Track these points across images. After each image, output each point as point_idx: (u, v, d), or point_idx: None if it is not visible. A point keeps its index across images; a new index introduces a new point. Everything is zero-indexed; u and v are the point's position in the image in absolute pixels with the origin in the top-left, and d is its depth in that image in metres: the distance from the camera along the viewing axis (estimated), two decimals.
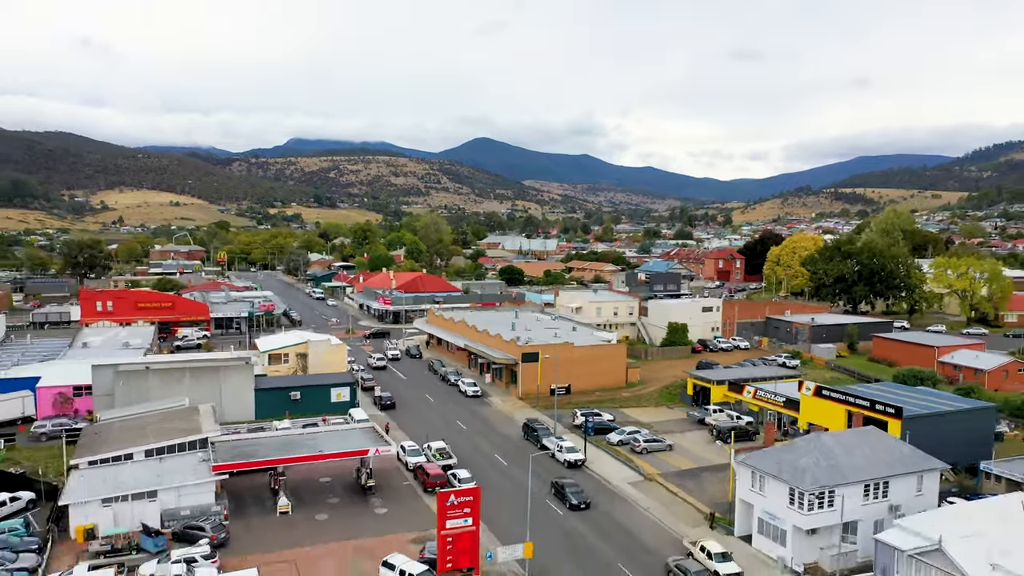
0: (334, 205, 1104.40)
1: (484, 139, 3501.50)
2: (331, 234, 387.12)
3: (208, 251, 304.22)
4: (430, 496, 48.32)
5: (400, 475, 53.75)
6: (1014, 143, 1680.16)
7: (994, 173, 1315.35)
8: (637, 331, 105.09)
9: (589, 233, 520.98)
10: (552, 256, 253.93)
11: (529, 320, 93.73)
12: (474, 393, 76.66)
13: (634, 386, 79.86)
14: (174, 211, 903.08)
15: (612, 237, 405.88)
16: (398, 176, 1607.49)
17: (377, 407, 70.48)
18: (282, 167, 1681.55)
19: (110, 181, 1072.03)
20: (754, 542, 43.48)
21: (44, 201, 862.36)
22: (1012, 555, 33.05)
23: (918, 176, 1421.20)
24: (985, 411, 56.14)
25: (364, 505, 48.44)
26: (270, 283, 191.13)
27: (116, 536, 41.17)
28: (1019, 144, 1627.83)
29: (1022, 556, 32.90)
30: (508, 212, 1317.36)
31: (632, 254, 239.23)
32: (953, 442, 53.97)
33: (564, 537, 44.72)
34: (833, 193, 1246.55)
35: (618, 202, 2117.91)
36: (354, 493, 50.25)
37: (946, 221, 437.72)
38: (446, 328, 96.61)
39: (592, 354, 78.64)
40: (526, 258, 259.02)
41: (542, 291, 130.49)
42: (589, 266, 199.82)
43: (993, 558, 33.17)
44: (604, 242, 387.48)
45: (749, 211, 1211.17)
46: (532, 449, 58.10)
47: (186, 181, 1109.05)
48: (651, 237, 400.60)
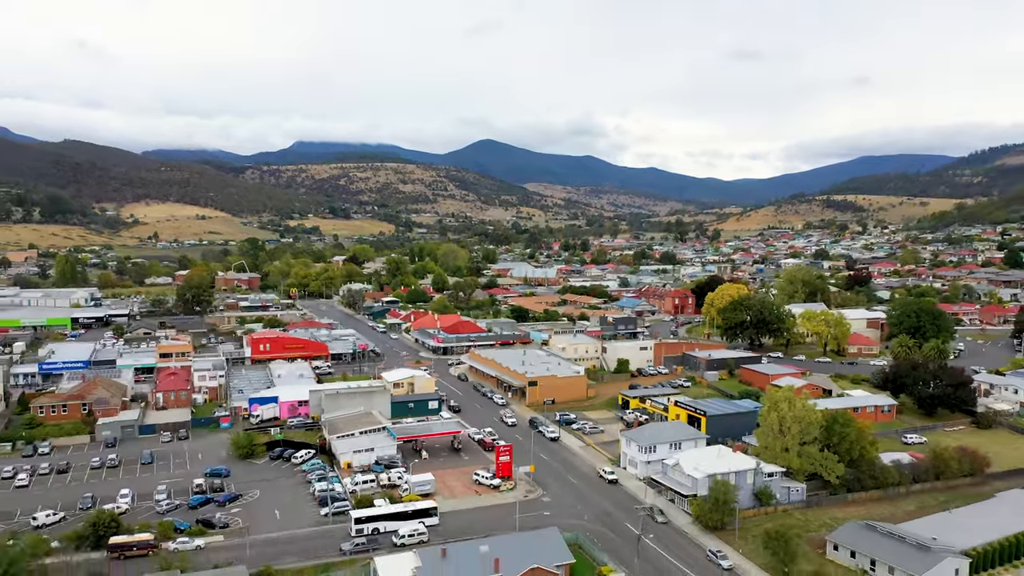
0: (348, 216, 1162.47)
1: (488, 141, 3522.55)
2: (360, 257, 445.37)
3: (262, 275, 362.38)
4: (488, 453, 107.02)
5: (471, 443, 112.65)
6: (1009, 147, 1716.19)
7: (984, 179, 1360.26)
8: (601, 362, 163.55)
9: (587, 251, 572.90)
10: (551, 287, 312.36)
11: (532, 356, 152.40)
12: (501, 403, 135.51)
13: (591, 399, 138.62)
14: (201, 224, 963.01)
15: (605, 259, 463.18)
16: (406, 183, 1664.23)
17: (451, 411, 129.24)
18: (293, 174, 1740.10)
19: (136, 194, 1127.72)
20: (628, 469, 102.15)
21: (81, 216, 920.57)
22: (706, 465, 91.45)
23: (911, 182, 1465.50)
24: (752, 412, 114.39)
25: (457, 457, 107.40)
26: (333, 314, 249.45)
27: (363, 465, 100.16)
28: (1014, 148, 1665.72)
29: (710, 466, 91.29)
30: (513, 220, 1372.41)
31: (614, 287, 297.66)
32: (734, 427, 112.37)
33: (546, 466, 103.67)
34: (825, 201, 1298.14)
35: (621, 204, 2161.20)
36: (452, 451, 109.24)
37: (896, 245, 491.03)
38: (481, 362, 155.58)
39: (567, 381, 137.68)
40: (531, 287, 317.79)
41: (541, 330, 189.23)
42: (579, 299, 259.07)
43: (700, 468, 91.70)
44: (598, 264, 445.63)
45: (744, 219, 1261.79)
46: (532, 432, 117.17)
47: (208, 193, 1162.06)
48: (639, 260, 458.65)
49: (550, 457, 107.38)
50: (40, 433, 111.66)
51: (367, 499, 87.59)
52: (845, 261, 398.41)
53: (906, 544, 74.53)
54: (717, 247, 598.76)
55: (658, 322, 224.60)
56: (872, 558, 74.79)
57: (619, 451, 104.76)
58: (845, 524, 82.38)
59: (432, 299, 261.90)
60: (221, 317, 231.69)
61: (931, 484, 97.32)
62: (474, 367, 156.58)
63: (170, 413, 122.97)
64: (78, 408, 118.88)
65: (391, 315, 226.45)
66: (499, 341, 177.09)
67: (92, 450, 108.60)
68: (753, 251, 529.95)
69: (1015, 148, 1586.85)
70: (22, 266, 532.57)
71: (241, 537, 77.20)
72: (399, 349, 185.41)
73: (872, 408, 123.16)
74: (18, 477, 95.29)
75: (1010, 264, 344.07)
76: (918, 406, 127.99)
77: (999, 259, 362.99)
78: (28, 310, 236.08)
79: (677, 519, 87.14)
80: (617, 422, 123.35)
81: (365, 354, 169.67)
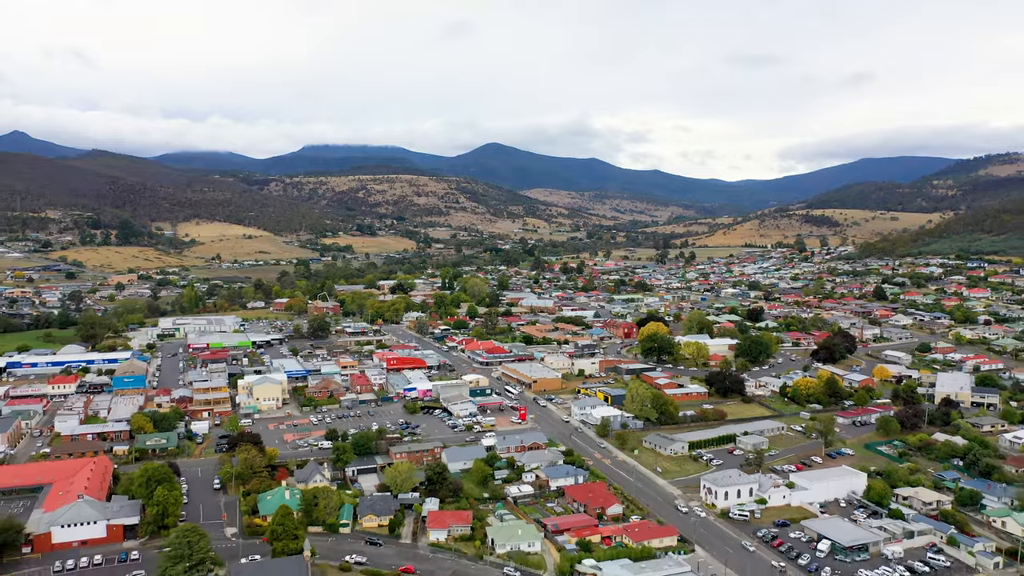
0: (373, 233, 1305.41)
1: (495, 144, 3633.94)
2: (405, 285, 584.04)
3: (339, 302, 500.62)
4: (515, 411, 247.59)
5: (507, 407, 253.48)
6: (993, 156, 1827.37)
7: (959, 192, 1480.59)
8: (571, 370, 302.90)
9: (581, 274, 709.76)
10: (549, 315, 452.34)
11: (534, 367, 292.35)
12: (519, 391, 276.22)
13: (563, 389, 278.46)
14: (250, 244, 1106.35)
15: (592, 287, 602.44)
16: (420, 196, 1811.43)
17: (495, 393, 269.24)
18: (314, 187, 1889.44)
19: (186, 214, 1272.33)
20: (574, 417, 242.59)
21: (148, 237, 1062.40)
22: (601, 412, 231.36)
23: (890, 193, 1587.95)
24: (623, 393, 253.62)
25: (501, 413, 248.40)
26: (407, 337, 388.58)
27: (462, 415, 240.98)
28: (997, 157, 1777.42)
29: (603, 412, 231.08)
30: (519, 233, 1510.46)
31: (591, 317, 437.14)
32: (617, 399, 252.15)
33: (539, 416, 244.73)
34: (804, 216, 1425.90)
35: (623, 210, 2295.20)
36: (498, 411, 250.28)
37: (814, 274, 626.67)
38: (507, 370, 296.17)
39: (552, 380, 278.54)
40: (535, 314, 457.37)
41: (539, 350, 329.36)
42: (566, 327, 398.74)
43: (599, 413, 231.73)
44: (587, 291, 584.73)
45: (730, 232, 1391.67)
46: (534, 403, 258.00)
47: (249, 213, 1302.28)
48: (618, 287, 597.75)
49: (540, 413, 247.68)
50: (315, 403, 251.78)
51: (468, 426, 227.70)
52: (764, 292, 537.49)
53: (671, 440, 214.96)
54: (687, 271, 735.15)
55: (612, 345, 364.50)
56: (656, 445, 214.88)
57: (572, 411, 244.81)
58: (651, 434, 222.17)
59: (469, 325, 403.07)
60: (341, 340, 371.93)
61: (698, 423, 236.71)
62: (504, 373, 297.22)
63: (364, 395, 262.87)
64: (327, 392, 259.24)
65: (449, 339, 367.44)
66: (516, 358, 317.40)
67: (342, 410, 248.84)
68: (712, 278, 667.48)
69: (998, 158, 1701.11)
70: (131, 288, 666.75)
71: (420, 438, 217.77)
72: (461, 362, 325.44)
73: (693, 392, 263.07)
74: (324, 420, 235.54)
75: (877, 297, 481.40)
76: (718, 392, 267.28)
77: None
78: (220, 336, 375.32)
79: (589, 433, 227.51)
80: (574, 400, 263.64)
81: (443, 366, 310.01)
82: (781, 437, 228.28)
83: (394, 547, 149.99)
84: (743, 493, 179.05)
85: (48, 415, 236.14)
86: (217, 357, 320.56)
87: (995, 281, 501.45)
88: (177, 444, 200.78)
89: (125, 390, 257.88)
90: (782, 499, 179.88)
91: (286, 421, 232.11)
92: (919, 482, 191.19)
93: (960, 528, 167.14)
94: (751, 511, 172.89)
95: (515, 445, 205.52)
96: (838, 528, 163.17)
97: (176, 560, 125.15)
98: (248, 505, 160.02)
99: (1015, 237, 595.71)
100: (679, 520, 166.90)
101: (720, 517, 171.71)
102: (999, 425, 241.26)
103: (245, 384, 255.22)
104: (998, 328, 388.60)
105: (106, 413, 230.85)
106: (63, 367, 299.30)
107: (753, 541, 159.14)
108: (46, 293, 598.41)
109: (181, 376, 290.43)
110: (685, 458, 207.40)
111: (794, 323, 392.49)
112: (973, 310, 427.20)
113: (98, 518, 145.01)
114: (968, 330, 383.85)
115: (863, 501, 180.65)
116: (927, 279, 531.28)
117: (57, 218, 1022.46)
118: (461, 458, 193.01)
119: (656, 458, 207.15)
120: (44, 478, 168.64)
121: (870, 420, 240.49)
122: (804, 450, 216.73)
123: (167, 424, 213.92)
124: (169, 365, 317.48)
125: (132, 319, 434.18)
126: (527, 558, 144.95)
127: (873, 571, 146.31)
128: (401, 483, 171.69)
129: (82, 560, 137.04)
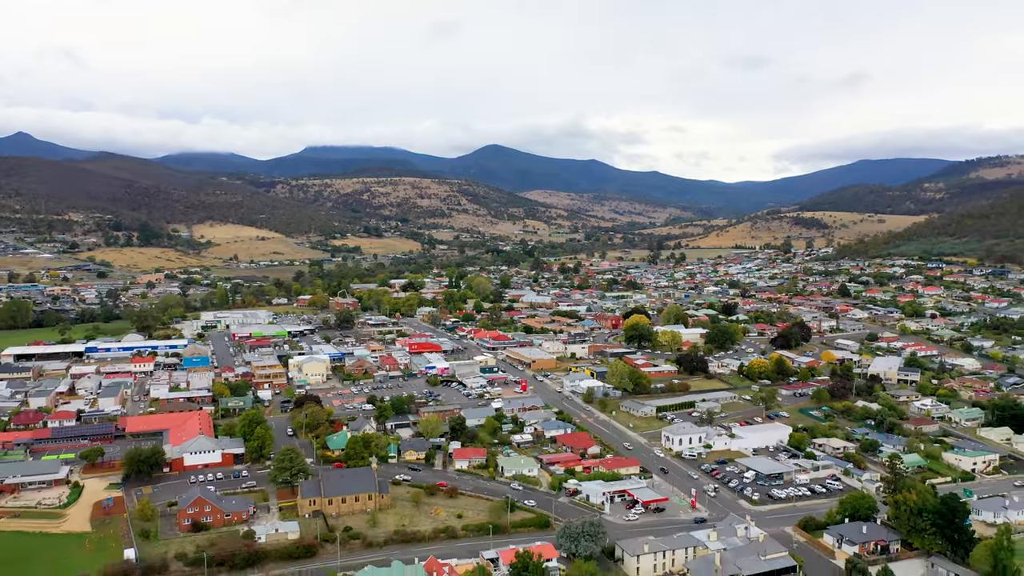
0: (379, 235, 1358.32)
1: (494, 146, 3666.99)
2: (416, 284, 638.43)
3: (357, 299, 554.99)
4: (518, 384, 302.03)
5: (512, 381, 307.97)
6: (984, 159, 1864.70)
7: (947, 195, 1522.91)
8: (565, 353, 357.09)
9: (578, 273, 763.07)
10: (547, 309, 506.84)
11: (534, 350, 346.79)
12: (521, 369, 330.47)
13: (557, 368, 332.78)
14: (264, 245, 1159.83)
15: (587, 285, 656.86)
16: (423, 198, 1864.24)
17: (501, 371, 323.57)
18: (319, 189, 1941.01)
19: (200, 216, 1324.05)
20: (566, 388, 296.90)
21: (167, 238, 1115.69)
22: (587, 384, 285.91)
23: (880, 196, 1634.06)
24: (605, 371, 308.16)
25: (507, 385, 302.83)
26: (422, 328, 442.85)
27: (475, 387, 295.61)
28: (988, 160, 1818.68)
29: (588, 384, 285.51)
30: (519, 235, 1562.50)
31: (584, 311, 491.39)
32: (601, 375, 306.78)
33: (538, 388, 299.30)
34: (795, 218, 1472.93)
35: (622, 211, 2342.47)
36: (505, 383, 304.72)
37: (792, 274, 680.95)
38: (511, 353, 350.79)
39: (548, 360, 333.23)
40: (534, 309, 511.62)
41: (538, 338, 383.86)
42: (561, 319, 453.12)
43: (586, 385, 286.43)
44: (582, 289, 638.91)
45: (723, 234, 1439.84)
46: (533, 378, 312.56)
47: (260, 215, 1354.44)
48: (611, 285, 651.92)
49: (538, 386, 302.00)
50: (353, 377, 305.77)
51: (480, 395, 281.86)
52: (742, 290, 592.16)
53: (643, 404, 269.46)
54: (676, 271, 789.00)
55: (600, 334, 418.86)
56: (630, 409, 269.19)
57: (564, 383, 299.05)
58: (627, 401, 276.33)
59: (476, 318, 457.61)
60: (364, 330, 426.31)
61: (667, 393, 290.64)
62: (508, 355, 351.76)
63: (392, 372, 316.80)
64: (362, 369, 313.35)
65: (459, 330, 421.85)
66: (518, 344, 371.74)
67: (375, 383, 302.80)
68: (698, 277, 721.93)
69: (988, 161, 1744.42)
70: (160, 286, 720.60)
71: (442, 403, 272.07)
72: (471, 347, 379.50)
73: (664, 370, 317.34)
74: (362, 390, 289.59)
75: (842, 294, 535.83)
76: (685, 370, 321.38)
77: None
78: (258, 327, 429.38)
79: (577, 400, 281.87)
80: (566, 375, 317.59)
81: (457, 350, 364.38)
82: (733, 404, 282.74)
83: (429, 472, 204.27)
84: (694, 440, 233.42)
85: (137, 386, 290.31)
86: (262, 344, 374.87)
87: (948, 280, 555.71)
88: (252, 405, 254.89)
89: (195, 368, 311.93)
90: (724, 445, 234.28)
91: (332, 391, 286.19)
92: (833, 435, 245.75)
93: (857, 465, 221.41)
94: (699, 453, 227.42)
95: (518, 407, 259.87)
96: (762, 463, 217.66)
97: (282, 470, 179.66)
98: (319, 444, 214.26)
99: (974, 240, 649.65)
100: (644, 459, 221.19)
101: (675, 457, 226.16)
102: (913, 396, 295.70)
103: (295, 362, 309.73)
104: (941, 321, 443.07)
105: (186, 384, 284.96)
106: (133, 351, 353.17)
107: (697, 472, 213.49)
108: (83, 291, 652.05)
109: (235, 358, 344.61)
110: (653, 418, 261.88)
111: (762, 316, 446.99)
112: (923, 306, 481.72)
113: (215, 448, 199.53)
114: (914, 323, 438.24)
115: (786, 447, 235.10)
116: (890, 278, 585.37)
117: (80, 220, 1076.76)
118: (476, 416, 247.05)
119: (630, 418, 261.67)
120: (163, 425, 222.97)
121: (808, 392, 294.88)
122: (749, 413, 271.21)
123: (241, 391, 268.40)
124: (220, 350, 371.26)
125: (174, 313, 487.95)
126: (527, 478, 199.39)
127: (783, 491, 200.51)
128: (431, 431, 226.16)
129: (209, 476, 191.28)
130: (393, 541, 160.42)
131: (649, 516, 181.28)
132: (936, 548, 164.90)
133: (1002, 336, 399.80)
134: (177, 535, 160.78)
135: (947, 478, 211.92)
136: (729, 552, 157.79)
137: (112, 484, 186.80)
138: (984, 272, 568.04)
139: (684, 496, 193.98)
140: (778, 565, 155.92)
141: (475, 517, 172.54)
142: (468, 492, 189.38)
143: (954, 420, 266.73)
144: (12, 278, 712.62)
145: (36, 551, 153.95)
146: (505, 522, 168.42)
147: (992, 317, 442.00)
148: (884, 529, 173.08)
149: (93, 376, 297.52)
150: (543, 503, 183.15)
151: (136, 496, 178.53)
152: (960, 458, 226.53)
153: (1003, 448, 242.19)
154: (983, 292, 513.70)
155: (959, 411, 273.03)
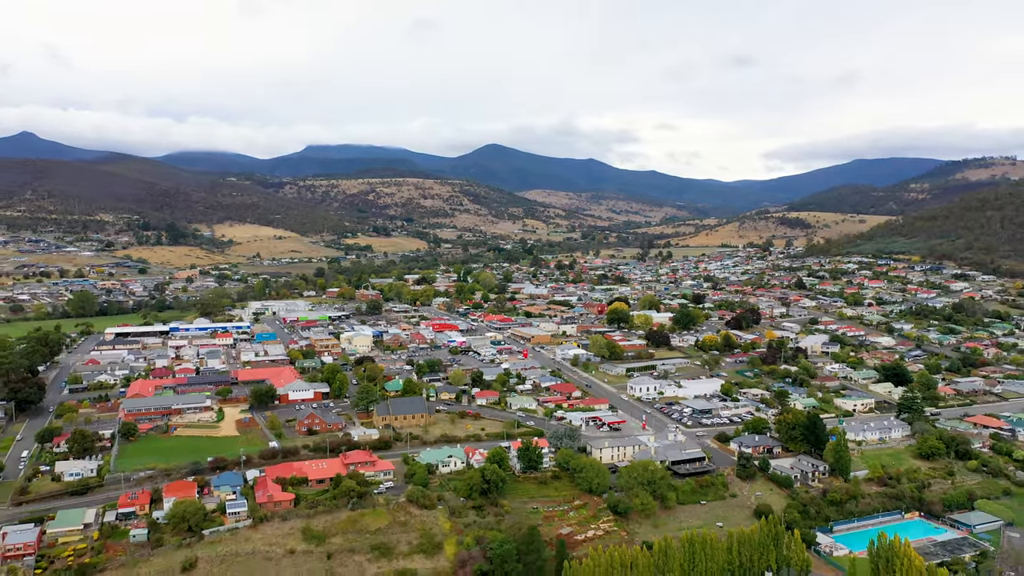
0: (388, 234, 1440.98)
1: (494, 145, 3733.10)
2: (428, 278, 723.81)
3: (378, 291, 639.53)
4: (519, 354, 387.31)
5: (516, 351, 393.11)
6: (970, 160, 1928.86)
7: (929, 196, 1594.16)
8: (559, 331, 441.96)
9: (573, 270, 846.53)
10: (544, 299, 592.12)
11: (533, 329, 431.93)
12: (524, 343, 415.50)
13: (552, 343, 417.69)
14: (282, 244, 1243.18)
15: (580, 279, 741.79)
16: (426, 198, 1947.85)
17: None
18: (326, 189, 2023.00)
19: (219, 216, 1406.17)
20: (558, 356, 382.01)
21: (193, 238, 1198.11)
22: (574, 352, 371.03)
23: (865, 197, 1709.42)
24: (587, 343, 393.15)
25: (513, 354, 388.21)
26: (439, 314, 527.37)
27: (488, 355, 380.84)
28: (974, 161, 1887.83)
29: (574, 352, 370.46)
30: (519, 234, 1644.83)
31: (575, 301, 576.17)
32: (586, 347, 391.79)
33: (537, 356, 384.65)
34: (781, 218, 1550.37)
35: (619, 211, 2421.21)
36: (512, 353, 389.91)
37: (761, 270, 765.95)
38: (516, 331, 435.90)
39: (545, 336, 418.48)
40: (533, 300, 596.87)
41: (536, 320, 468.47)
42: (556, 308, 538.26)
43: (572, 354, 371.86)
44: (575, 283, 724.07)
45: (712, 233, 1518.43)
46: (534, 351, 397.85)
47: (275, 215, 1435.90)
48: (601, 280, 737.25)
49: (536, 355, 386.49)
50: (391, 348, 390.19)
51: (492, 360, 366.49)
52: (714, 283, 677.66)
53: (616, 366, 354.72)
54: (661, 267, 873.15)
55: (588, 318, 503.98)
56: (606, 370, 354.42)
57: (556, 352, 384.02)
58: (604, 364, 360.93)
59: (484, 307, 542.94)
60: (391, 316, 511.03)
61: (636, 359, 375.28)
62: (513, 333, 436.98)
63: (421, 345, 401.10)
64: (398, 343, 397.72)
65: (471, 315, 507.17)
66: (521, 325, 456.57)
67: (409, 353, 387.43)
68: (679, 273, 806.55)
69: (974, 162, 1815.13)
70: (197, 281, 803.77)
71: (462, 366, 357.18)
72: (482, 328, 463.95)
73: (636, 344, 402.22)
74: (400, 357, 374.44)
75: (797, 287, 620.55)
76: (653, 343, 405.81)
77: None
78: (303, 312, 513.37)
79: (567, 364, 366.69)
80: (558, 347, 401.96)
81: (471, 330, 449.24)
82: (686, 368, 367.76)
83: (458, 407, 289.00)
84: (650, 389, 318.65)
85: (225, 354, 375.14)
86: (311, 325, 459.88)
87: (893, 275, 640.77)
88: (321, 365, 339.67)
89: (266, 341, 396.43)
90: (673, 393, 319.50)
91: (377, 357, 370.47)
92: (756, 387, 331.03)
93: (768, 406, 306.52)
94: (653, 397, 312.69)
95: (521, 368, 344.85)
96: (698, 404, 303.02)
97: (362, 399, 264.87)
98: (379, 386, 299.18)
99: (921, 240, 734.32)
100: (613, 401, 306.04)
101: (635, 400, 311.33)
102: (828, 363, 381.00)
103: (346, 336, 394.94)
104: (875, 308, 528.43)
105: (264, 353, 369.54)
106: (208, 331, 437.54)
107: (651, 409, 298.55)
108: (130, 285, 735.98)
109: (292, 335, 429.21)
110: (623, 376, 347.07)
111: (725, 305, 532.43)
112: (864, 296, 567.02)
113: (309, 388, 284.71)
114: (851, 310, 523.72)
115: (718, 393, 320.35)
116: (843, 273, 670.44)
117: (111, 220, 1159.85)
118: (490, 373, 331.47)
119: (605, 376, 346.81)
120: (263, 376, 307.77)
121: (746, 359, 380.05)
122: (696, 373, 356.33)
123: (310, 356, 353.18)
124: (276, 330, 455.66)
125: (225, 303, 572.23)
126: (528, 410, 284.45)
127: (710, 420, 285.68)
128: (457, 381, 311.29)
129: (306, 407, 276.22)
130: (439, 441, 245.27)
131: (612, 434, 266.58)
132: (803, 450, 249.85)
133: (921, 320, 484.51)
134: (298, 436, 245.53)
135: (831, 414, 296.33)
136: (661, 447, 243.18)
137: (243, 410, 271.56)
138: (923, 268, 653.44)
139: (638, 421, 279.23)
140: (693, 456, 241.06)
141: (493, 429, 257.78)
142: (487, 417, 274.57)
143: (853, 379, 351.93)
144: (63, 274, 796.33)
145: (210, 446, 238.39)
146: (515, 432, 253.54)
147: (918, 305, 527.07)
148: (771, 440, 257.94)
149: (189, 347, 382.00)
150: (539, 425, 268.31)
151: (264, 417, 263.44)
152: (846, 402, 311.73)
153: (883, 396, 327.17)
154: (918, 285, 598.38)
155: (859, 372, 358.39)
